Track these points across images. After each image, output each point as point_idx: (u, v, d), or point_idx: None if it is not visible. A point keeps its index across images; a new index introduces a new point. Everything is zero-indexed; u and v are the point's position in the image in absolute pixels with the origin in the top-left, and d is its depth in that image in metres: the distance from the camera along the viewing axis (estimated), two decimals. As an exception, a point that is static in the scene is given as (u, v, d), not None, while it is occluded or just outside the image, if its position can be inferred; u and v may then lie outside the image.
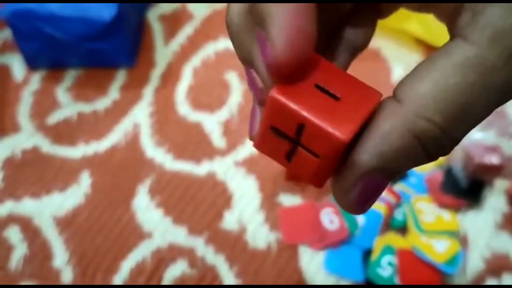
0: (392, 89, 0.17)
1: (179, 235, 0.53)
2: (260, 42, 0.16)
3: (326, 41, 0.21)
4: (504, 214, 0.53)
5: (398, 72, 0.61)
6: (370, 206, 0.18)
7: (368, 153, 0.16)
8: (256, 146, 0.18)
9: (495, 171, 0.53)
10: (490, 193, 0.53)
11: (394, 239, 0.51)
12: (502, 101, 0.16)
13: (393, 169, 0.16)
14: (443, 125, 0.16)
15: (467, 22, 0.16)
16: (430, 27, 0.61)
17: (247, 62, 0.18)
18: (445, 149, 0.16)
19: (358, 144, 0.16)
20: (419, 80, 0.16)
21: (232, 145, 0.58)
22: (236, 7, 0.17)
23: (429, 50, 0.63)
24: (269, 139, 0.17)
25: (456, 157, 0.54)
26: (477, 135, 0.55)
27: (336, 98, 0.17)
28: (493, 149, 0.53)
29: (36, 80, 0.64)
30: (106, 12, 0.57)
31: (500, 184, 0.53)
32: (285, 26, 0.15)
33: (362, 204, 0.17)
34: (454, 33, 0.17)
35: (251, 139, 0.19)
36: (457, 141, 0.16)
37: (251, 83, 0.18)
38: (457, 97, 0.15)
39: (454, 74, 0.15)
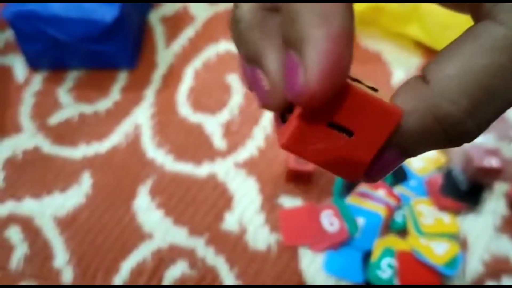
0: (392, 92, 0.17)
1: (180, 236, 0.53)
2: (290, 65, 0.14)
3: None
4: (504, 217, 0.53)
5: (398, 75, 0.62)
6: (381, 178, 0.17)
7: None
8: (287, 144, 0.17)
9: (495, 174, 0.53)
10: (490, 196, 0.53)
11: (394, 241, 0.51)
12: None
13: (409, 148, 0.16)
14: (469, 108, 0.15)
15: (493, 5, 0.15)
16: (430, 30, 0.61)
17: (253, 61, 0.17)
18: (469, 135, 0.16)
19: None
20: (446, 61, 0.16)
21: (232, 147, 0.58)
22: (249, 3, 0.16)
23: (429, 53, 0.63)
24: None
25: (456, 160, 0.54)
26: (477, 139, 0.55)
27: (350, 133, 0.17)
28: (493, 152, 0.53)
29: (37, 81, 0.64)
30: (108, 13, 0.58)
31: (499, 187, 0.54)
32: (325, 52, 0.13)
33: (375, 177, 0.17)
34: (480, 15, 0.16)
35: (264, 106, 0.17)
36: (482, 126, 0.16)
37: (255, 83, 0.17)
38: (485, 79, 0.15)
39: (482, 56, 0.15)
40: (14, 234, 0.54)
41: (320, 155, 0.16)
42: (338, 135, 0.16)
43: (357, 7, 0.63)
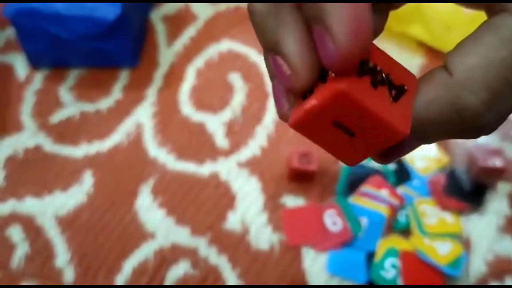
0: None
1: (182, 235, 0.53)
2: (319, 38, 0.15)
3: None
4: (507, 217, 0.53)
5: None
6: (394, 160, 0.18)
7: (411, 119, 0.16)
8: (295, 125, 0.17)
9: (498, 174, 0.53)
10: (493, 196, 0.53)
11: (397, 242, 0.51)
12: None
13: (426, 135, 0.17)
14: (488, 100, 0.16)
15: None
16: (433, 30, 0.61)
17: (272, 49, 0.17)
18: (486, 128, 0.16)
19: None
20: (468, 53, 0.16)
21: (235, 146, 0.58)
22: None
23: (432, 53, 0.63)
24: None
25: (459, 160, 0.54)
26: (480, 139, 0.55)
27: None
28: (497, 152, 0.53)
29: (38, 79, 0.64)
30: (111, 11, 0.57)
31: (503, 187, 0.54)
32: (347, 16, 0.14)
33: (388, 156, 0.18)
34: (496, 8, 0.16)
35: (282, 117, 0.18)
36: (499, 120, 0.16)
37: (277, 70, 0.17)
38: (504, 72, 0.15)
39: (502, 48, 0.15)
40: (15, 233, 0.54)
41: (321, 140, 0.18)
42: (340, 132, 0.17)
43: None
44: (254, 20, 0.17)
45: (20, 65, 0.65)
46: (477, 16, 0.66)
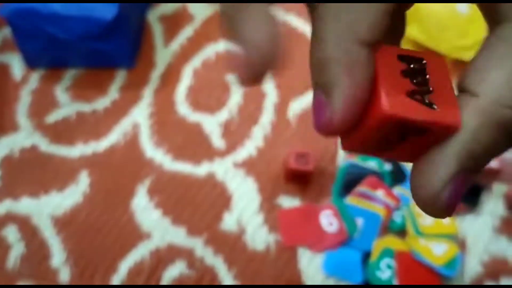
0: None
1: (178, 236, 0.53)
2: (318, 104, 0.16)
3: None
4: (502, 218, 0.53)
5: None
6: (457, 205, 0.17)
7: (458, 151, 0.16)
8: (348, 149, 0.18)
9: (493, 175, 0.53)
10: (489, 197, 0.53)
11: (393, 242, 0.51)
12: None
13: (482, 165, 0.16)
14: None
15: (510, 6, 0.16)
16: (429, 32, 0.61)
17: (326, 95, 0.17)
18: None
19: (445, 146, 0.16)
20: (488, 70, 0.16)
21: (231, 146, 0.58)
22: (336, 40, 0.16)
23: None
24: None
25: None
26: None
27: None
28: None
29: (35, 79, 0.64)
30: (108, 11, 0.57)
31: (498, 188, 0.54)
32: (348, 97, 0.16)
33: (452, 204, 0.17)
34: (497, 19, 0.16)
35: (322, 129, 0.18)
36: None
37: (324, 117, 0.17)
38: None
39: None
40: (11, 233, 0.53)
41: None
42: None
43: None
44: (321, 57, 0.17)
45: (16, 65, 0.65)
46: (472, 17, 0.66)
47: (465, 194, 0.50)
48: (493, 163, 0.52)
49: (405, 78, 0.17)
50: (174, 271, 0.51)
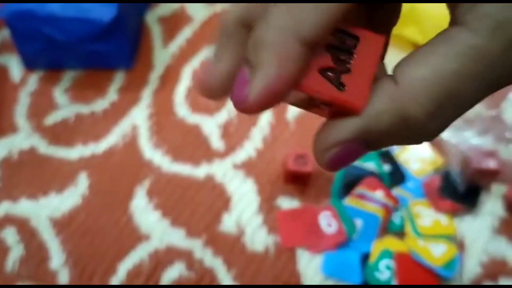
0: None
1: (177, 237, 0.53)
2: (241, 78, 0.17)
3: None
4: (501, 219, 0.53)
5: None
6: (341, 167, 0.18)
7: (356, 124, 0.17)
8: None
9: (492, 176, 0.53)
10: (487, 198, 0.54)
11: (391, 243, 0.51)
12: (493, 90, 0.17)
13: (374, 143, 0.18)
14: (433, 111, 0.16)
15: (467, 9, 0.16)
16: (427, 32, 0.61)
17: (213, 58, 0.19)
18: (429, 135, 0.17)
19: (349, 115, 0.17)
20: (417, 63, 0.16)
21: (230, 148, 0.58)
22: (234, 15, 0.18)
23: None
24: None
25: (453, 161, 0.54)
26: (475, 141, 0.55)
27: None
28: (491, 154, 0.53)
29: (33, 80, 0.64)
30: (106, 13, 0.57)
31: (497, 189, 0.54)
32: (270, 84, 0.16)
33: (335, 164, 0.18)
34: (454, 19, 0.17)
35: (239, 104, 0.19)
36: (442, 128, 0.17)
37: (204, 74, 0.19)
38: (451, 84, 0.16)
39: (452, 61, 0.16)
40: (10, 235, 0.53)
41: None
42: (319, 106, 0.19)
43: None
44: (221, 31, 0.19)
45: (15, 66, 0.65)
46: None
47: (464, 194, 0.50)
48: (492, 164, 0.53)
49: (328, 53, 0.18)
50: (173, 273, 0.51)
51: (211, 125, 0.59)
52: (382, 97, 0.17)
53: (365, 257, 0.50)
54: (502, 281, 0.50)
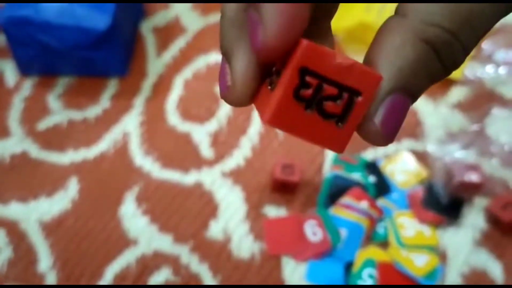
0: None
1: (165, 243, 0.53)
2: (252, 24, 0.16)
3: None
4: (483, 231, 0.54)
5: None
6: (396, 132, 0.17)
7: (386, 71, 0.16)
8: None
9: (475, 189, 0.54)
10: (470, 211, 0.55)
11: (375, 253, 0.52)
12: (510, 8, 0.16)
13: (412, 85, 0.16)
14: (453, 29, 0.16)
15: None
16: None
17: (226, 55, 0.18)
18: (459, 56, 0.16)
19: (373, 66, 0.16)
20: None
21: (220, 156, 0.59)
22: (233, 3, 0.18)
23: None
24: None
25: (437, 174, 0.55)
26: (458, 154, 0.56)
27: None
28: (474, 167, 0.54)
29: (27, 86, 0.64)
30: (101, 21, 0.59)
31: (479, 201, 0.55)
32: (279, 11, 0.15)
33: (389, 129, 0.16)
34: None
35: (225, 95, 0.18)
36: (468, 47, 0.16)
37: (222, 77, 0.18)
38: (462, 4, 0.16)
39: None
40: (-1, 237, 0.54)
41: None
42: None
43: (346, 23, 0.65)
44: (221, 22, 0.18)
45: (9, 71, 0.66)
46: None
47: (448, 207, 0.51)
48: (474, 177, 0.54)
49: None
50: (159, 278, 0.52)
51: (201, 133, 0.60)
52: (395, 32, 0.16)
53: (349, 266, 0.51)
54: (483, 292, 0.51)
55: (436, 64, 0.16)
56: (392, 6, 0.18)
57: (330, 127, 0.16)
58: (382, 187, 0.56)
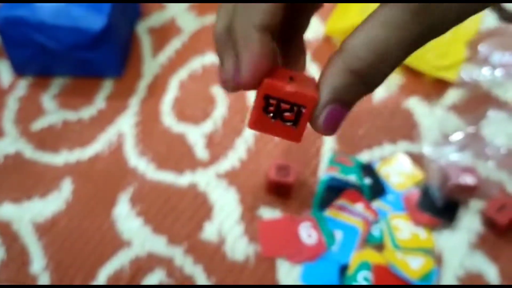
0: (373, 111, 0.20)
1: (159, 244, 0.53)
2: (234, 70, 0.24)
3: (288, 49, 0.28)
4: (478, 234, 0.54)
5: (379, 94, 0.63)
6: (336, 127, 0.24)
7: (326, 88, 0.23)
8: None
9: (470, 191, 0.54)
10: (465, 213, 0.54)
11: (370, 255, 0.51)
12: (413, 48, 0.22)
13: (344, 99, 0.23)
14: (373, 61, 0.22)
15: None
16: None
17: (219, 59, 0.25)
18: (378, 80, 0.23)
19: (319, 83, 0.23)
20: (355, 34, 0.22)
21: (214, 157, 0.58)
22: (221, 23, 0.24)
23: (410, 73, 0.64)
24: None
25: (433, 176, 0.55)
26: (453, 156, 0.56)
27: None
28: (469, 170, 0.54)
29: (22, 86, 0.64)
30: (97, 22, 0.58)
31: (475, 204, 0.55)
32: (248, 63, 0.23)
33: (329, 125, 0.23)
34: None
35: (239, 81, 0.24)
36: (386, 72, 0.22)
37: (219, 73, 0.25)
38: (380, 43, 0.22)
39: (378, 28, 0.22)
40: (-8, 238, 0.54)
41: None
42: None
43: (342, 25, 0.65)
44: (214, 38, 0.25)
45: (4, 71, 0.65)
46: (454, 38, 0.67)
47: (443, 209, 0.51)
48: (470, 180, 0.54)
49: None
50: (153, 280, 0.51)
51: (196, 134, 0.60)
52: (334, 62, 0.22)
53: (343, 269, 0.51)
54: (478, 295, 0.51)
55: (361, 86, 0.23)
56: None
57: (289, 128, 0.24)
58: (378, 189, 0.56)
